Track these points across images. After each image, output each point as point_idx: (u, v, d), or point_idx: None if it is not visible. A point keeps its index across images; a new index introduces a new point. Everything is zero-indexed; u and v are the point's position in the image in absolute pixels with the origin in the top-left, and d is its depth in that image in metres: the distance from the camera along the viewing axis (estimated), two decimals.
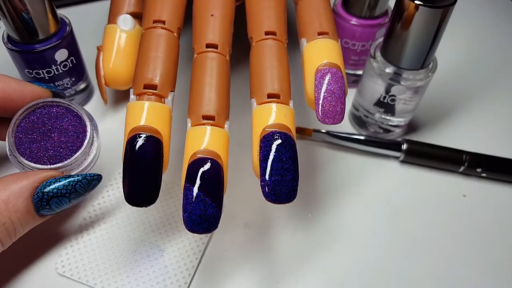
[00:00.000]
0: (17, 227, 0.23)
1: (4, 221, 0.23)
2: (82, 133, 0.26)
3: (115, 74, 0.33)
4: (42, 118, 0.26)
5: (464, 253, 0.30)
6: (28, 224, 0.24)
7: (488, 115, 0.39)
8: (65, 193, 0.24)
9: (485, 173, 0.33)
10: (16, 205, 0.23)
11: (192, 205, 0.21)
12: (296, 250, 0.29)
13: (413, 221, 0.31)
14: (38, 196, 0.24)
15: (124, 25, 0.34)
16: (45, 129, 0.26)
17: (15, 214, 0.23)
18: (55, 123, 0.26)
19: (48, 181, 0.24)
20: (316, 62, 0.25)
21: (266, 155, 0.22)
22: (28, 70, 0.32)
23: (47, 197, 0.24)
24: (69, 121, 0.26)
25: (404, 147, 0.33)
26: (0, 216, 0.22)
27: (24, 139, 0.25)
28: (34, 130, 0.26)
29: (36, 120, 0.26)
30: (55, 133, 0.26)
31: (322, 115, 0.23)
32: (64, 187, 0.24)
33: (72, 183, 0.24)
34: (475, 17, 0.49)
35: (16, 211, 0.23)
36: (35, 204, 0.24)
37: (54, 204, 0.24)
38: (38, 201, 0.24)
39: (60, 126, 0.26)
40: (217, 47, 0.26)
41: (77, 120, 0.26)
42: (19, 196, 0.23)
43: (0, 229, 0.23)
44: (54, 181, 0.24)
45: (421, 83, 0.31)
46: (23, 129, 0.26)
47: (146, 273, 0.27)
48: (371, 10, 0.34)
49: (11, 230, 0.23)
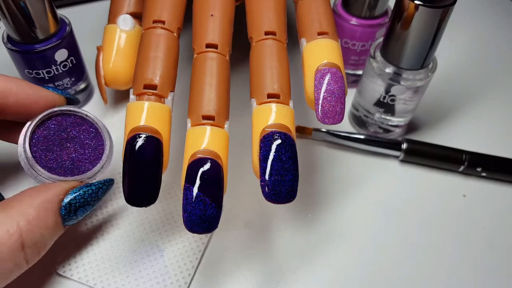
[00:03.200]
0: (47, 243, 0.23)
1: (36, 239, 0.22)
2: (99, 145, 0.26)
3: (115, 74, 0.33)
4: (59, 126, 0.25)
5: (464, 253, 0.30)
6: (55, 237, 0.24)
7: (488, 115, 0.39)
8: (90, 201, 0.24)
9: (485, 173, 0.33)
10: (46, 220, 0.22)
11: (192, 205, 0.21)
12: (296, 250, 0.29)
13: (412, 221, 0.31)
14: (66, 208, 0.23)
15: (124, 25, 0.34)
16: (61, 139, 0.25)
17: (46, 231, 0.22)
18: (71, 132, 0.26)
19: (72, 192, 0.24)
20: (316, 62, 0.25)
21: (266, 155, 0.22)
22: (28, 70, 0.32)
23: (75, 208, 0.24)
24: (85, 132, 0.26)
25: (404, 146, 0.34)
26: (32, 234, 0.22)
27: (40, 147, 0.25)
28: (49, 139, 0.25)
29: (53, 128, 0.25)
30: (71, 143, 0.25)
31: (322, 115, 0.23)
32: (89, 196, 0.24)
33: (95, 190, 0.25)
34: (475, 17, 0.49)
35: (47, 227, 0.22)
36: (63, 216, 0.23)
37: (80, 213, 0.24)
38: (66, 213, 0.23)
39: (76, 136, 0.26)
40: (217, 47, 0.26)
41: (93, 130, 0.26)
42: (47, 211, 0.22)
43: (33, 248, 0.22)
44: (77, 190, 0.24)
45: (421, 83, 0.31)
46: (38, 137, 0.25)
47: (146, 273, 0.27)
48: (371, 10, 0.34)
49: (41, 247, 0.23)
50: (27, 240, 0.21)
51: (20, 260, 0.21)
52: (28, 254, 0.22)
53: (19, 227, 0.21)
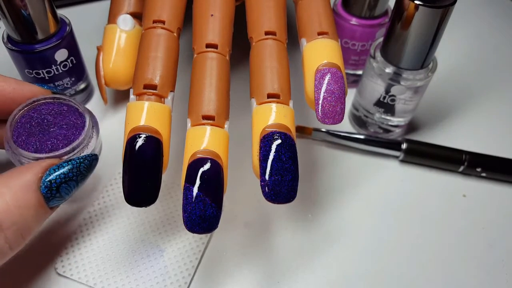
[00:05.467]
0: (31, 225, 0.22)
1: (15, 219, 0.21)
2: (81, 127, 0.26)
3: (115, 74, 0.33)
4: (42, 114, 0.26)
5: (464, 253, 0.30)
6: (41, 220, 0.23)
7: (488, 115, 0.39)
8: (72, 177, 0.23)
9: (485, 173, 0.33)
10: (26, 200, 0.21)
11: (192, 205, 0.21)
12: (296, 250, 0.29)
13: (412, 221, 0.31)
14: (46, 186, 0.22)
15: (124, 25, 0.34)
16: (44, 125, 0.26)
17: (28, 211, 0.21)
18: (55, 119, 0.26)
19: (51, 169, 0.23)
20: (316, 62, 0.25)
21: (266, 155, 0.22)
22: (28, 70, 0.32)
23: (56, 184, 0.22)
24: (69, 117, 0.26)
25: (403, 146, 0.34)
26: (11, 215, 0.21)
27: (22, 132, 0.25)
28: (33, 125, 0.25)
29: (36, 116, 0.26)
30: (55, 127, 0.26)
31: (322, 115, 0.23)
32: (70, 171, 0.23)
33: (76, 165, 0.24)
34: (475, 17, 0.49)
35: (28, 206, 0.21)
36: (45, 194, 0.22)
37: (64, 190, 0.23)
38: (47, 190, 0.22)
39: (60, 122, 0.26)
40: (217, 47, 0.26)
41: (77, 116, 0.26)
42: (26, 190, 0.21)
43: (13, 229, 0.21)
44: (57, 167, 0.23)
45: (421, 83, 0.31)
46: (22, 124, 0.25)
47: (146, 273, 0.27)
48: (371, 10, 0.34)
49: (25, 230, 0.21)
50: (5, 220, 0.20)
51: (1, 243, 0.20)
52: (9, 237, 0.21)
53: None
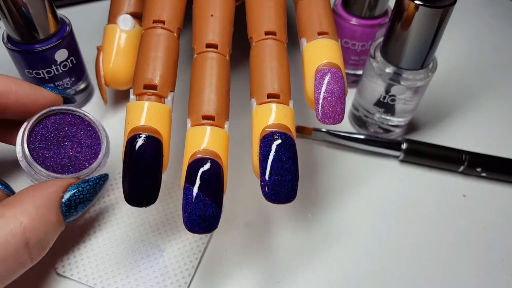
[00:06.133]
0: (50, 240, 0.23)
1: (40, 237, 0.22)
2: (96, 144, 0.26)
3: (115, 74, 0.33)
4: (56, 125, 0.26)
5: (463, 253, 0.30)
6: (57, 234, 0.24)
7: (488, 115, 0.39)
8: (89, 197, 0.25)
9: (485, 173, 0.33)
10: (49, 218, 0.23)
11: (192, 205, 0.21)
12: (296, 250, 0.29)
13: (412, 220, 0.31)
14: (66, 205, 0.24)
15: (124, 25, 0.34)
16: (59, 137, 0.26)
17: (49, 228, 0.23)
18: (68, 131, 0.26)
19: (71, 188, 0.24)
20: (316, 62, 0.25)
21: (266, 155, 0.22)
22: (28, 70, 0.32)
23: (75, 204, 0.24)
24: (83, 131, 0.26)
25: (403, 146, 0.34)
26: (36, 232, 0.22)
27: (38, 145, 0.25)
28: (47, 137, 0.25)
29: (50, 127, 0.26)
30: (68, 142, 0.26)
31: (322, 115, 0.23)
32: (88, 191, 0.25)
33: (93, 185, 0.25)
34: (475, 17, 0.49)
35: (50, 224, 0.23)
36: (64, 213, 0.24)
37: (80, 209, 0.25)
38: (67, 210, 0.24)
39: (74, 135, 0.26)
40: (217, 47, 0.26)
41: (91, 129, 0.26)
42: (49, 208, 0.23)
43: (37, 246, 0.22)
44: (76, 187, 0.24)
45: (421, 83, 0.31)
46: (36, 135, 0.25)
47: (146, 273, 0.27)
48: (371, 10, 0.34)
49: (45, 245, 0.23)
50: (31, 238, 0.22)
51: (24, 258, 0.22)
52: (33, 252, 0.22)
53: (22, 226, 0.21)
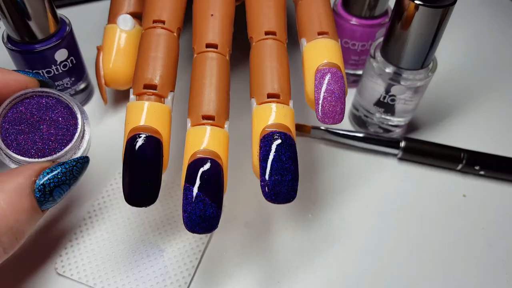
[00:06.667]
0: (25, 229, 0.22)
1: (11, 225, 0.21)
2: (72, 126, 0.25)
3: (115, 74, 0.33)
4: (31, 108, 0.24)
5: (463, 253, 0.30)
6: (34, 223, 0.23)
7: (488, 115, 0.39)
8: (65, 180, 0.23)
9: (483, 171, 0.33)
10: (21, 205, 0.21)
11: (192, 205, 0.21)
12: (296, 250, 0.29)
13: (411, 219, 0.31)
14: (40, 190, 0.22)
15: (124, 25, 0.34)
16: (33, 120, 0.24)
17: (22, 215, 0.21)
18: (44, 114, 0.25)
19: (44, 172, 0.23)
20: (316, 62, 0.25)
21: (266, 155, 0.22)
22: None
23: (49, 188, 0.22)
24: (59, 113, 0.25)
25: (402, 144, 0.34)
26: (7, 221, 0.21)
27: (11, 130, 0.24)
28: (21, 121, 0.24)
29: (24, 110, 0.24)
30: (44, 125, 0.24)
31: (322, 115, 0.23)
32: (63, 174, 0.23)
33: (69, 168, 0.23)
34: (475, 17, 0.49)
35: (22, 211, 0.21)
36: (38, 198, 0.22)
37: (57, 194, 0.23)
38: (41, 194, 0.22)
39: (50, 118, 0.25)
40: (217, 47, 0.26)
41: (68, 111, 0.25)
42: (20, 194, 0.21)
43: (8, 234, 0.21)
44: (50, 171, 0.23)
45: (421, 83, 0.31)
46: (10, 119, 0.24)
47: (146, 273, 0.27)
48: (371, 10, 0.34)
49: (19, 234, 0.21)
50: (1, 226, 0.20)
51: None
52: (5, 241, 0.21)
53: None
